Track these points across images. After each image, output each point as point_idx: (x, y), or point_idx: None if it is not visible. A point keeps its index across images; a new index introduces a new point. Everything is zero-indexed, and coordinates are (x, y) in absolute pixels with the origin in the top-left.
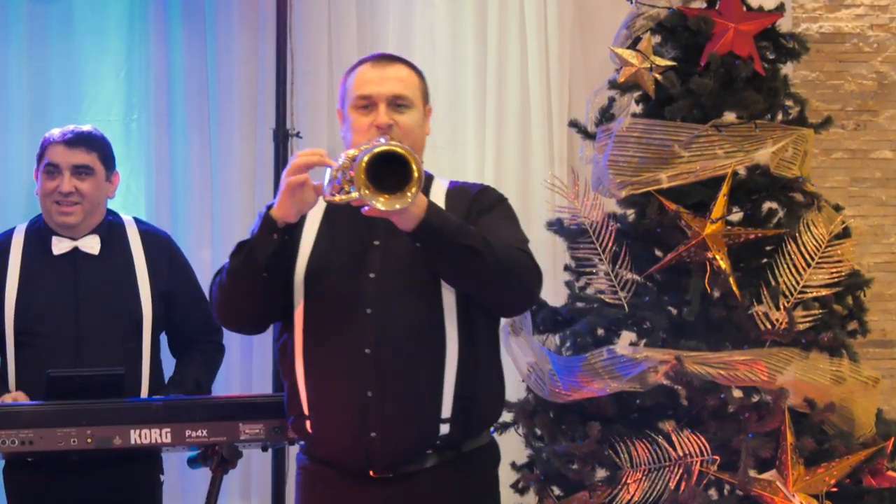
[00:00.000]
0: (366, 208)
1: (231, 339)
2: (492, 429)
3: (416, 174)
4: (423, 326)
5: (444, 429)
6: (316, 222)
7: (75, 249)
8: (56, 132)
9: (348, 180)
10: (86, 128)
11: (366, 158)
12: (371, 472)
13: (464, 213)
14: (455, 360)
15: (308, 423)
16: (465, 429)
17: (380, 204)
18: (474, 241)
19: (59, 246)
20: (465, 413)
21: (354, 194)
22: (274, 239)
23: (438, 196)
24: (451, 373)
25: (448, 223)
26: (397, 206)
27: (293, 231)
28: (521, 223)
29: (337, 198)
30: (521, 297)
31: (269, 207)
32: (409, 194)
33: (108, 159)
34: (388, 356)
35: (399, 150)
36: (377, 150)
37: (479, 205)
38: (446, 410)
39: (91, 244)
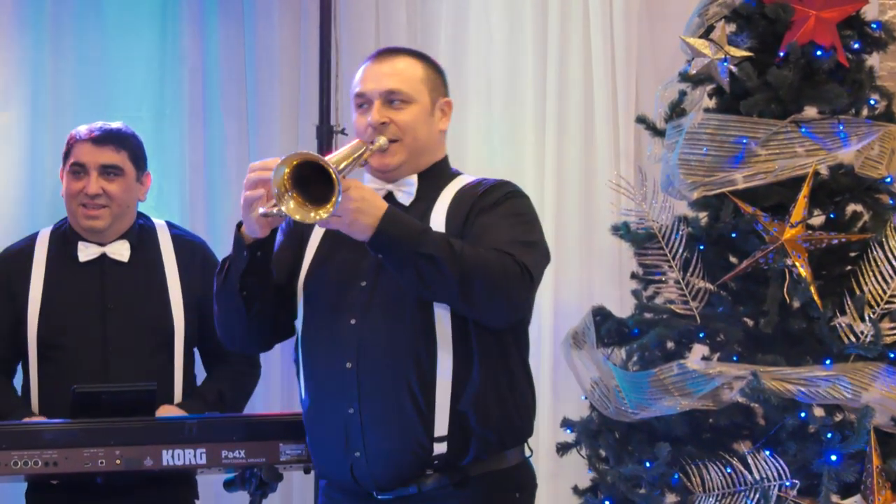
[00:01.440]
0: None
1: (272, 352)
2: (528, 452)
3: (334, 192)
4: (410, 338)
5: (440, 448)
6: (320, 233)
7: (103, 256)
8: (83, 129)
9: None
10: (115, 125)
11: (293, 162)
12: (374, 493)
13: (465, 213)
14: (449, 373)
15: (308, 441)
16: (467, 449)
17: (286, 208)
18: (434, 249)
19: (86, 252)
20: (466, 431)
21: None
22: (244, 257)
23: (446, 198)
24: (445, 387)
25: (407, 231)
26: (297, 217)
27: (265, 247)
28: (582, 227)
29: (268, 206)
30: (498, 307)
31: (241, 224)
32: (320, 212)
33: (138, 159)
34: (369, 370)
35: (313, 159)
36: (298, 156)
37: (483, 203)
38: (441, 428)
39: (120, 250)
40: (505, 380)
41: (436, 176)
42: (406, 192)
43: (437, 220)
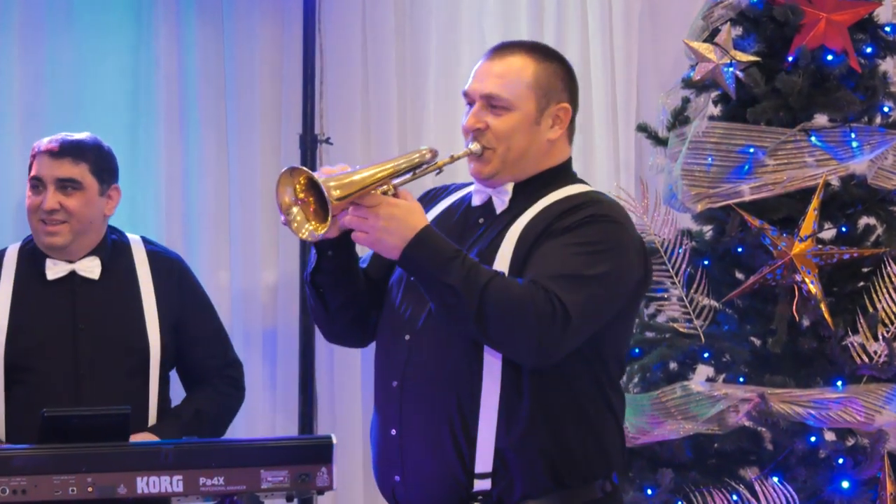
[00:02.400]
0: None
1: (253, 375)
2: (608, 486)
3: (329, 211)
4: (456, 366)
5: (483, 484)
6: None
7: (73, 273)
8: (44, 141)
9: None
10: (79, 135)
11: (307, 175)
12: None
13: (537, 233)
14: (494, 408)
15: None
16: (513, 487)
17: (290, 218)
18: (455, 279)
19: (54, 269)
20: (510, 469)
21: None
22: (313, 254)
23: (532, 212)
24: (489, 422)
25: (434, 256)
26: (295, 230)
27: (340, 248)
28: None
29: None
30: (517, 347)
31: None
32: (319, 228)
33: (102, 171)
34: (411, 394)
35: (314, 179)
36: (305, 170)
37: (557, 225)
38: (483, 464)
39: (90, 267)
40: (569, 417)
41: (537, 186)
42: (500, 201)
43: (511, 237)
